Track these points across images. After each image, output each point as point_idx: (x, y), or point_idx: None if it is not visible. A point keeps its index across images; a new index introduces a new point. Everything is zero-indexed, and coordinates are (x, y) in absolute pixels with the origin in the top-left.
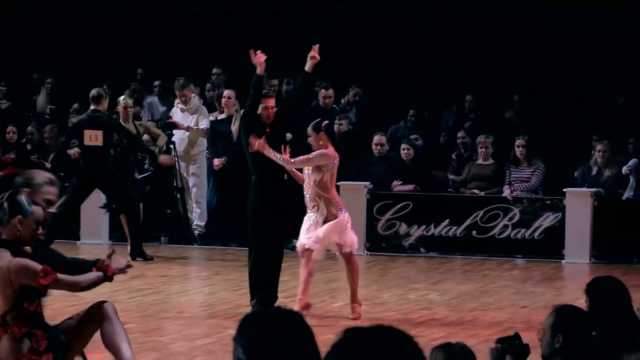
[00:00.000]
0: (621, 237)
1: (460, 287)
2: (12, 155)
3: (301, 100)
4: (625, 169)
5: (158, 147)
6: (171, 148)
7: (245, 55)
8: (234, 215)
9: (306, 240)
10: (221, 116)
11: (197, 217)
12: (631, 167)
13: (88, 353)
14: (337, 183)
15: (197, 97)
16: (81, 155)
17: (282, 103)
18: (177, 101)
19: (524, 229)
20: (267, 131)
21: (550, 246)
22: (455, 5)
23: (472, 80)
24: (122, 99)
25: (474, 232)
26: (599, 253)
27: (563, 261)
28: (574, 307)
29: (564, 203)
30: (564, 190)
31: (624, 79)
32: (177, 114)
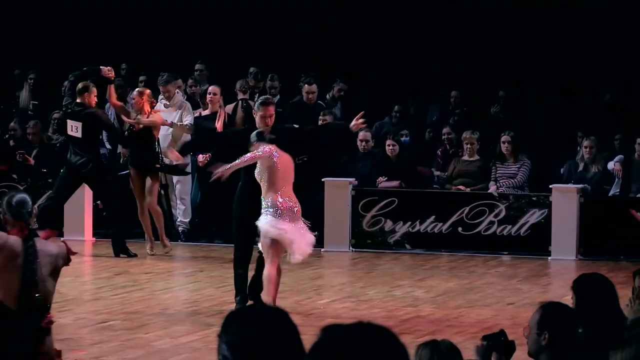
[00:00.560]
0: (608, 233)
1: (446, 284)
2: None
3: (318, 144)
4: (610, 164)
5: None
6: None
7: (228, 52)
8: (218, 211)
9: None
10: (205, 112)
11: (181, 213)
12: (618, 161)
13: (72, 351)
14: (322, 179)
15: (180, 93)
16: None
17: (298, 133)
18: (160, 97)
19: (510, 226)
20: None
21: (537, 243)
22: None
23: (457, 75)
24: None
25: (459, 229)
26: (586, 250)
27: (549, 258)
28: (560, 304)
29: (550, 199)
30: (550, 186)
31: (610, 75)
32: (160, 110)
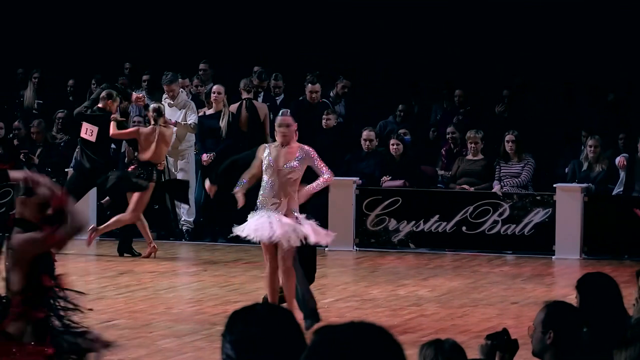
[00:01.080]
0: (612, 233)
1: (450, 283)
2: None
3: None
4: (618, 159)
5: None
6: None
7: (232, 51)
8: (222, 211)
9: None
10: (209, 111)
11: (185, 212)
12: (624, 157)
13: None
14: None
15: (185, 92)
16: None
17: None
18: (164, 96)
19: (514, 225)
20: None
21: (541, 242)
22: None
23: (461, 74)
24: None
25: (463, 228)
26: (590, 249)
27: (553, 257)
28: (564, 303)
29: (554, 199)
30: (554, 185)
31: (614, 74)
32: (165, 109)
